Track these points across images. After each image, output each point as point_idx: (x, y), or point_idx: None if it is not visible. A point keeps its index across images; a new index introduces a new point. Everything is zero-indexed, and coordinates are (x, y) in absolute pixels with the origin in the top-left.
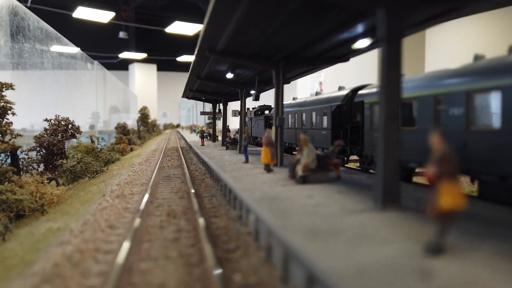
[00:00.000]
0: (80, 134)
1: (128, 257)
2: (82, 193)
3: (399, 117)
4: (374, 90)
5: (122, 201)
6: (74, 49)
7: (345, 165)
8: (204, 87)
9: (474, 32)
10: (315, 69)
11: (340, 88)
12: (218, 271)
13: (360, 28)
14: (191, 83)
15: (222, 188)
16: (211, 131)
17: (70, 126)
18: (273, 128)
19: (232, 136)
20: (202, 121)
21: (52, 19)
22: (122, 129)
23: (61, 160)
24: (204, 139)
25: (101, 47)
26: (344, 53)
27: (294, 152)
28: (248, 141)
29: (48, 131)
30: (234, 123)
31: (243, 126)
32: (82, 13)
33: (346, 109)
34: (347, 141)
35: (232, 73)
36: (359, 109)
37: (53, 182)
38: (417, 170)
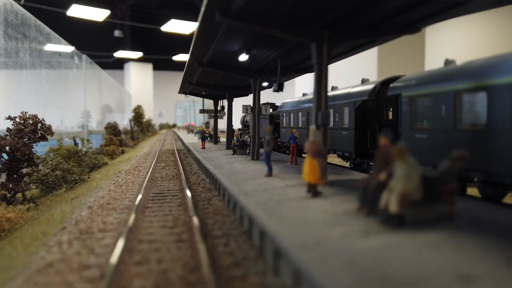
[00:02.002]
0: (51, 136)
1: None
2: (43, 217)
3: None
4: (414, 82)
5: (83, 248)
6: (62, 45)
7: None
8: (206, 79)
9: (473, 30)
10: (369, 45)
11: (364, 81)
12: None
13: None
14: (191, 73)
15: (241, 220)
16: (210, 131)
17: (39, 125)
18: (312, 127)
19: (239, 138)
20: (199, 121)
21: (46, 17)
22: (112, 129)
23: (31, 168)
24: (205, 141)
25: (96, 46)
26: (417, 19)
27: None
28: (272, 146)
29: (12, 132)
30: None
31: (257, 125)
32: (76, 11)
33: (373, 105)
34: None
35: (247, 53)
36: (389, 105)
37: (19, 195)
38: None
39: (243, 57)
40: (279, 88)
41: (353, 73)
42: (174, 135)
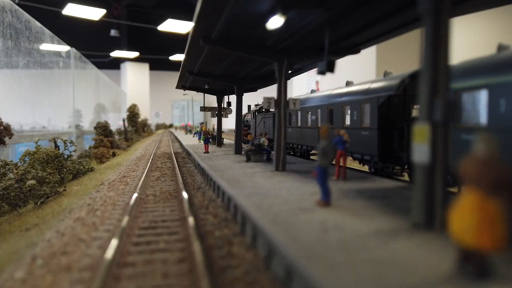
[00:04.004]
0: (10, 138)
1: None
2: None
3: None
4: (459, 72)
5: None
6: (46, 35)
7: (397, 177)
8: (211, 66)
9: (473, 29)
10: None
11: (386, 74)
12: None
13: None
14: (193, 58)
15: None
16: (213, 131)
17: None
18: (421, 126)
19: (255, 141)
20: (197, 121)
21: (42, 16)
22: (102, 130)
23: None
24: (208, 144)
25: (92, 45)
26: None
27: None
28: (332, 158)
29: None
30: (227, 122)
31: (283, 125)
32: (72, 10)
33: (398, 102)
34: (403, 145)
35: (283, 14)
36: (415, 101)
37: None
38: None
39: (275, 22)
40: (329, 68)
41: (351, 74)
42: (171, 135)
